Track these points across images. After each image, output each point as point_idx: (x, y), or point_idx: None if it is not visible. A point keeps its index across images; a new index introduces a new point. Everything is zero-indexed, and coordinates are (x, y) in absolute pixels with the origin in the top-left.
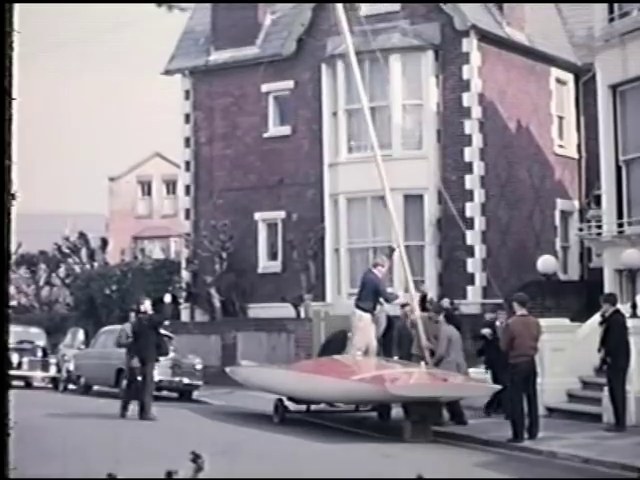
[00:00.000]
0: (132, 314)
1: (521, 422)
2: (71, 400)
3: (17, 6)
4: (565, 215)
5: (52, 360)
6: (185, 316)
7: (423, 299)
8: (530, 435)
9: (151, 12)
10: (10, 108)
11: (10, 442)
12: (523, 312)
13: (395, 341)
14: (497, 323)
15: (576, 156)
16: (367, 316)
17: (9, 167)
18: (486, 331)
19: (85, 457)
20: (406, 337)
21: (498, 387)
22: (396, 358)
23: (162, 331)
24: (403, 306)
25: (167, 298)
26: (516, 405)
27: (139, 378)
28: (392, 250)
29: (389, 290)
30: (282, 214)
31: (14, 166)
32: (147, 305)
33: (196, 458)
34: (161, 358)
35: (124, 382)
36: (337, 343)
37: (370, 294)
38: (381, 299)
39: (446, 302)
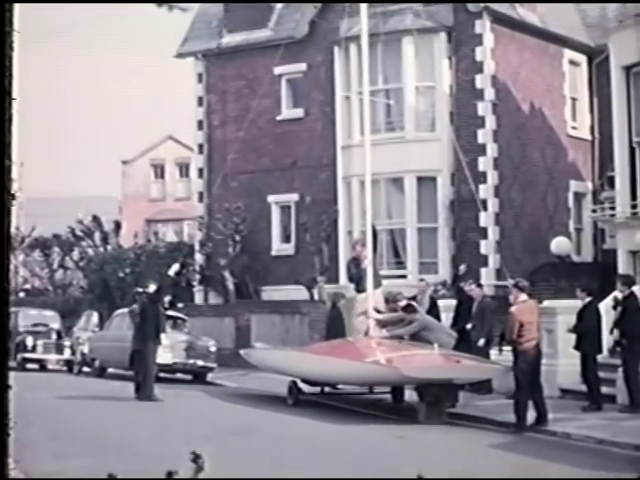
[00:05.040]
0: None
1: (526, 407)
2: (85, 383)
3: (17, 6)
4: (578, 197)
5: (66, 343)
6: (199, 299)
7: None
8: (540, 420)
9: None
10: (10, 108)
11: (10, 442)
12: (523, 297)
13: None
14: None
15: (589, 137)
16: (362, 296)
17: (9, 167)
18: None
19: (98, 438)
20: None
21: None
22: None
23: (172, 312)
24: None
25: (172, 270)
26: (525, 391)
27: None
28: (375, 233)
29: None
30: (295, 197)
31: (13, 166)
32: (152, 288)
33: (196, 458)
34: (163, 337)
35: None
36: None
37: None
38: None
39: (462, 268)
